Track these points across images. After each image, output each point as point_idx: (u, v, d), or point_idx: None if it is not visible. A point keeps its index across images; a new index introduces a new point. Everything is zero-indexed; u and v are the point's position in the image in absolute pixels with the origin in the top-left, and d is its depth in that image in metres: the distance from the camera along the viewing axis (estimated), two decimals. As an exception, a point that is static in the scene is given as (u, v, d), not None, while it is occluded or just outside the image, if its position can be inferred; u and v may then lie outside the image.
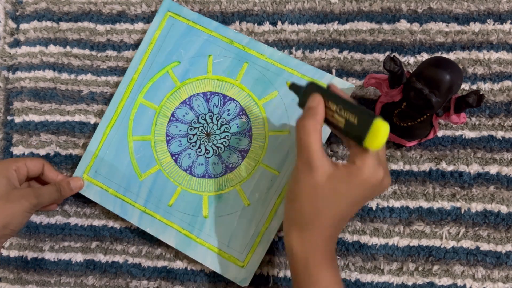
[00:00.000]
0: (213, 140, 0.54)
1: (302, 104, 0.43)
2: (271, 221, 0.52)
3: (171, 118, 0.55)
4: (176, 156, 0.54)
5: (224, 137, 0.54)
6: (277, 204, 0.52)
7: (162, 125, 0.55)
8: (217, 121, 0.54)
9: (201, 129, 0.54)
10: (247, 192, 0.53)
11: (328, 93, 0.41)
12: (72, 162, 0.57)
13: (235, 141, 0.54)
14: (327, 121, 0.41)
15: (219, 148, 0.54)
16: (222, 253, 0.52)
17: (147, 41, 0.56)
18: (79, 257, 0.56)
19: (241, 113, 0.54)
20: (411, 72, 0.46)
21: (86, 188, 0.55)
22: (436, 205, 0.52)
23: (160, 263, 0.55)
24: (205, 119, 0.55)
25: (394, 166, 0.53)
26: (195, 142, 0.54)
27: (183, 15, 0.56)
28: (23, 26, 0.61)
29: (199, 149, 0.54)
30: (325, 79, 0.53)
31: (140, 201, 0.54)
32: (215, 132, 0.54)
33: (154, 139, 0.55)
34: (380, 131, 0.36)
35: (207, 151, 0.54)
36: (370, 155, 0.38)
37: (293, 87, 0.45)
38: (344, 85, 0.52)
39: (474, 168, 0.52)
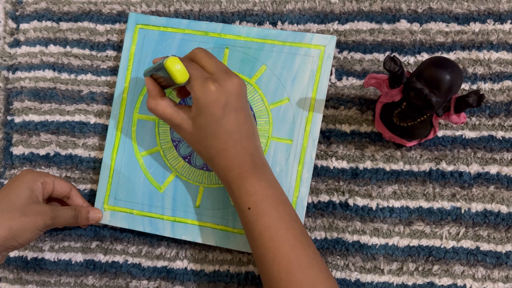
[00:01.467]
0: None
1: None
2: (300, 188, 0.52)
3: None
4: (188, 157, 0.54)
5: None
6: (299, 171, 0.52)
7: (165, 133, 0.55)
8: None
9: None
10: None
11: (151, 70, 0.47)
12: (72, 162, 0.57)
13: None
14: (163, 87, 0.48)
15: None
16: None
17: (125, 58, 0.56)
18: (79, 257, 0.56)
19: None
20: (411, 72, 0.46)
21: (111, 218, 0.54)
22: (436, 205, 0.52)
23: (160, 263, 0.55)
24: None
25: (394, 166, 0.53)
26: None
27: (152, 23, 0.56)
28: (23, 26, 0.61)
29: None
30: (306, 39, 0.53)
31: (168, 212, 0.54)
32: None
33: (162, 149, 0.55)
34: (171, 67, 0.43)
35: None
36: (192, 82, 0.44)
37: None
38: (326, 39, 0.53)
39: (474, 168, 0.52)
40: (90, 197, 0.57)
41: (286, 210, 0.45)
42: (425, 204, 0.52)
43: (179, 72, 0.43)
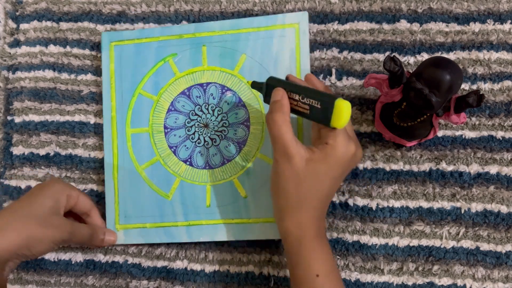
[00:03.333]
0: (211, 130, 0.55)
1: (267, 99, 0.46)
2: None
3: (165, 131, 0.55)
4: (189, 160, 0.55)
5: (222, 125, 0.54)
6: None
7: (161, 141, 0.55)
8: (212, 111, 0.55)
9: (199, 122, 0.55)
10: (269, 155, 0.53)
11: (289, 84, 0.45)
12: (72, 162, 0.57)
13: (232, 117, 0.54)
14: (293, 110, 0.45)
15: (223, 131, 0.54)
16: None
17: (107, 77, 0.56)
18: (79, 257, 0.56)
19: (223, 90, 0.55)
20: (411, 72, 0.46)
21: (125, 237, 0.54)
22: (436, 205, 0.52)
23: (160, 263, 0.55)
24: (197, 113, 0.55)
25: (394, 166, 0.53)
26: (199, 138, 0.55)
27: (125, 38, 0.56)
28: (23, 26, 0.61)
29: (206, 143, 0.55)
30: (279, 21, 0.54)
31: (180, 218, 0.54)
32: (213, 123, 0.55)
33: (161, 158, 0.55)
34: (342, 110, 0.40)
35: (213, 140, 0.54)
36: (340, 132, 0.42)
37: (255, 85, 0.48)
38: (299, 16, 0.53)
39: (474, 168, 0.52)
40: (91, 197, 0.57)
41: (342, 283, 0.45)
42: (425, 204, 0.52)
43: (346, 118, 0.41)
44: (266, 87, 0.46)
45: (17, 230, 0.45)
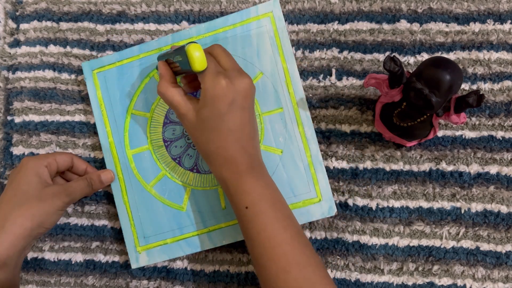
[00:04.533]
0: None
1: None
2: (309, 147, 0.53)
3: (165, 144, 0.55)
4: (195, 167, 0.54)
5: None
6: (302, 132, 0.53)
7: (163, 155, 0.55)
8: None
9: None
10: (272, 145, 0.53)
11: (165, 54, 0.48)
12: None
13: None
14: (176, 73, 0.48)
15: None
16: (295, 205, 0.52)
17: (96, 105, 0.56)
18: (79, 257, 0.56)
19: None
20: (411, 72, 0.46)
21: (149, 257, 0.53)
22: (436, 205, 0.52)
23: (160, 263, 0.55)
24: None
25: (394, 166, 0.53)
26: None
27: (106, 63, 0.56)
28: (23, 26, 0.61)
29: None
30: (252, 13, 0.54)
31: (200, 226, 0.53)
32: None
33: (167, 172, 0.55)
34: (192, 53, 0.43)
35: None
36: (206, 73, 0.44)
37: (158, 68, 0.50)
38: (270, 4, 0.54)
39: (474, 168, 0.52)
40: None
41: (283, 210, 0.45)
42: (425, 204, 0.52)
43: (198, 59, 0.43)
44: (156, 67, 0.49)
45: (21, 215, 0.47)
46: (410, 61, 0.54)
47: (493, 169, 0.52)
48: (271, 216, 0.43)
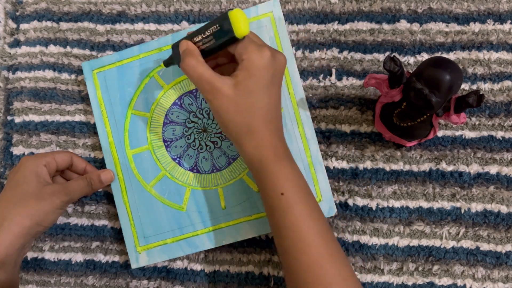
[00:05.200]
0: (210, 134, 0.55)
1: (178, 59, 0.46)
2: (309, 147, 0.53)
3: (165, 144, 0.55)
4: (195, 167, 0.54)
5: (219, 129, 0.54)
6: (302, 132, 0.53)
7: (163, 155, 0.55)
8: (208, 115, 0.55)
9: (196, 129, 0.55)
10: None
11: (189, 35, 0.46)
12: (72, 162, 0.57)
13: None
14: (204, 53, 0.45)
15: (220, 137, 0.55)
16: None
17: (96, 105, 0.56)
18: (79, 257, 0.56)
19: None
20: (411, 72, 0.46)
21: (149, 257, 0.53)
22: (436, 205, 0.52)
23: (160, 263, 0.55)
24: (193, 120, 0.55)
25: (394, 166, 0.53)
26: (200, 144, 0.55)
27: (106, 63, 0.56)
28: (23, 26, 0.61)
29: (208, 147, 0.54)
30: (252, 13, 0.54)
31: (199, 226, 0.53)
32: (210, 126, 0.55)
33: (167, 172, 0.55)
34: (237, 16, 0.41)
35: (214, 143, 0.54)
36: (248, 43, 0.43)
37: (166, 62, 0.49)
38: (270, 4, 0.54)
39: (474, 168, 0.52)
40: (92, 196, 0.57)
41: (315, 202, 0.44)
42: (425, 204, 0.52)
43: (244, 22, 0.42)
44: (173, 51, 0.47)
45: (20, 213, 0.47)
46: (410, 61, 0.54)
47: (493, 169, 0.52)
48: (306, 207, 0.42)
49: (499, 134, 0.52)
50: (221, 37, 0.43)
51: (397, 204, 0.52)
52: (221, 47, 0.44)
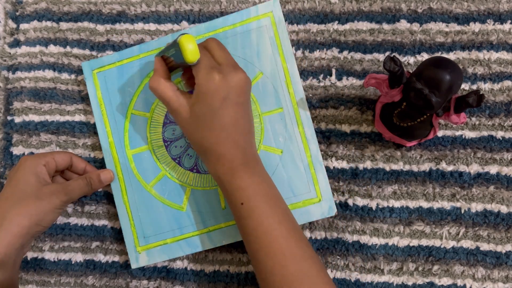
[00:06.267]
0: None
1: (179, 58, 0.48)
2: (309, 147, 0.52)
3: (165, 144, 0.55)
4: (195, 167, 0.54)
5: None
6: (302, 132, 0.53)
7: (163, 155, 0.55)
8: None
9: None
10: (272, 145, 0.53)
11: (162, 51, 0.47)
12: (72, 162, 0.57)
13: None
14: (171, 69, 0.48)
15: None
16: (295, 205, 0.52)
17: (96, 105, 0.56)
18: (79, 257, 0.56)
19: None
20: (411, 72, 0.46)
21: (148, 257, 0.53)
22: (436, 205, 0.52)
23: (160, 263, 0.55)
24: None
25: (394, 166, 0.53)
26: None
27: (106, 63, 0.56)
28: (23, 26, 0.61)
29: None
30: (252, 13, 0.54)
31: (200, 226, 0.53)
32: None
33: (167, 171, 0.54)
34: (184, 43, 0.42)
35: None
36: (200, 68, 0.44)
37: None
38: (270, 5, 0.54)
39: (474, 168, 0.52)
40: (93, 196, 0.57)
41: (278, 204, 0.45)
42: (425, 204, 0.52)
43: (191, 50, 0.43)
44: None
45: (19, 213, 0.47)
46: (410, 61, 0.54)
47: (493, 169, 0.52)
48: (266, 211, 0.43)
49: (499, 134, 0.52)
50: (178, 59, 0.44)
51: (397, 204, 0.52)
52: (184, 66, 0.46)
